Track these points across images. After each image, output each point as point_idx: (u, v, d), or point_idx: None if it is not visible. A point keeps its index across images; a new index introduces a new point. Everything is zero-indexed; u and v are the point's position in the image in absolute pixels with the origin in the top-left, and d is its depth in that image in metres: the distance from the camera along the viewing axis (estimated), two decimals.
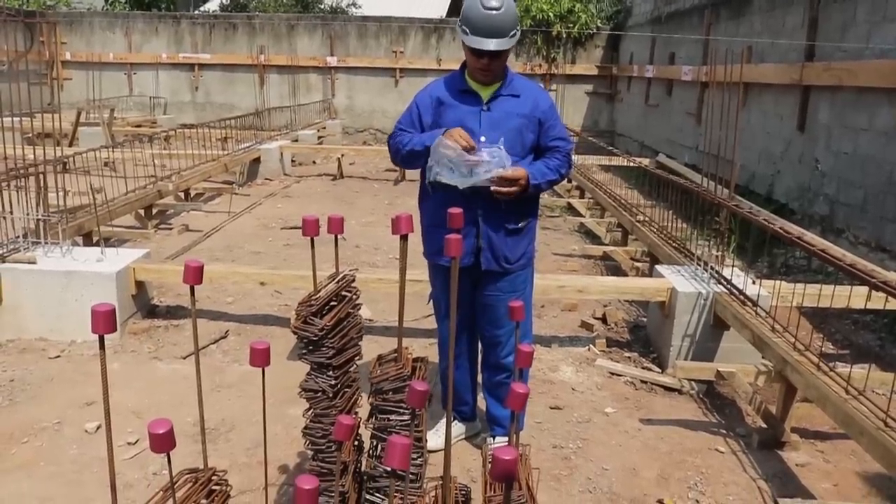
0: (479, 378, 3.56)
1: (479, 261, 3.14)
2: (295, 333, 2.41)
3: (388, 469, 1.68)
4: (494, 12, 2.89)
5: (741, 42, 9.40)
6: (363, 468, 2.64)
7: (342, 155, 12.20)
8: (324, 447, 2.46)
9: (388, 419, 2.46)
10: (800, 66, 7.90)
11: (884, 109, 6.44)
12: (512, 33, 2.94)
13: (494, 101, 3.09)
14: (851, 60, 7.01)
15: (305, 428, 2.51)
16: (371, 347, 4.39)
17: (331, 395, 2.45)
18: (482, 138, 3.04)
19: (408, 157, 3.12)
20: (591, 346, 4.85)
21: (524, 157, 3.12)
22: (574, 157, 11.21)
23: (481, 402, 3.64)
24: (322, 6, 21.71)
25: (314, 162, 13.56)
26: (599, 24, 17.73)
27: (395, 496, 2.03)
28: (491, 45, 2.90)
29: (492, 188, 2.94)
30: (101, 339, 1.61)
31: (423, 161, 3.04)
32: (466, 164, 2.88)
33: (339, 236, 2.46)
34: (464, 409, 3.58)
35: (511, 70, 3.18)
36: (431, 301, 3.46)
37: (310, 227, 2.36)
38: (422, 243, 3.30)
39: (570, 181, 10.74)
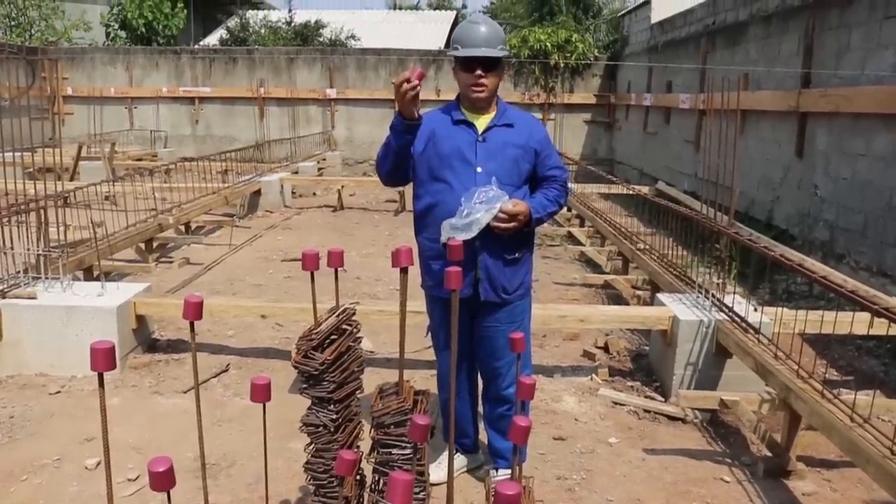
0: (481, 410, 3.54)
1: (478, 292, 3.13)
2: (296, 368, 2.40)
3: None
4: (480, 25, 3.05)
5: (737, 70, 9.48)
6: (365, 503, 2.61)
7: (342, 186, 12.25)
8: (325, 482, 2.45)
9: (390, 453, 2.44)
10: (796, 93, 7.96)
11: (881, 135, 6.47)
12: (500, 47, 3.04)
13: (489, 131, 3.12)
14: (847, 87, 7.06)
15: (307, 463, 2.49)
16: (372, 379, 4.35)
17: (332, 429, 2.43)
18: (478, 169, 3.06)
19: (384, 157, 3.16)
20: (593, 375, 4.82)
21: (520, 188, 3.14)
22: (573, 186, 11.30)
23: (483, 435, 3.61)
24: (321, 39, 21.94)
25: (314, 193, 13.61)
26: (597, 54, 17.90)
27: None
28: (482, 52, 3.00)
29: (492, 224, 2.95)
30: (101, 377, 1.61)
31: (395, 159, 3.09)
32: (478, 220, 2.90)
33: (339, 269, 2.46)
34: (465, 442, 3.55)
35: (503, 101, 3.23)
36: (429, 333, 3.45)
37: (309, 262, 2.36)
38: (420, 275, 3.30)
39: (569, 209, 10.77)
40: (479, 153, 3.08)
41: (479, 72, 3.03)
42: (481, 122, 3.13)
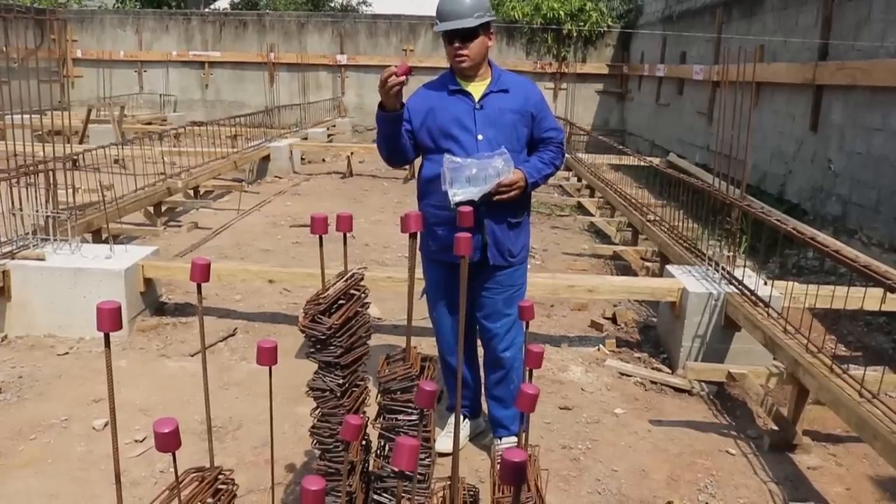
0: (482, 379, 3.55)
1: (486, 256, 3.16)
2: (303, 332, 2.39)
3: (396, 470, 1.65)
4: None
5: (753, 41, 9.34)
6: (370, 468, 2.62)
7: (352, 153, 12.19)
8: (331, 447, 2.44)
9: (396, 419, 2.44)
10: (813, 66, 7.84)
11: None
12: (477, 14, 2.99)
13: (485, 98, 3.13)
14: (866, 59, 6.95)
15: (313, 427, 2.49)
16: (380, 346, 4.38)
17: (338, 394, 2.42)
18: (479, 136, 3.08)
19: (379, 144, 3.17)
20: (600, 346, 4.82)
21: (521, 152, 3.17)
22: (583, 156, 11.22)
23: (485, 405, 3.61)
24: (332, 4, 21.75)
25: (324, 160, 13.57)
26: (610, 23, 17.67)
27: (403, 497, 2.01)
28: (455, 24, 2.98)
29: (495, 198, 3.01)
30: (107, 337, 1.59)
31: (388, 144, 3.11)
32: (482, 169, 2.92)
33: (347, 234, 2.44)
34: (464, 404, 3.56)
35: (498, 66, 3.23)
36: (424, 296, 3.45)
37: (318, 225, 2.34)
38: (420, 238, 3.30)
39: (579, 180, 10.71)
40: (478, 120, 3.10)
41: (457, 43, 3.03)
42: (477, 90, 3.14)
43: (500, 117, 3.10)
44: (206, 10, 21.61)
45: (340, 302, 2.47)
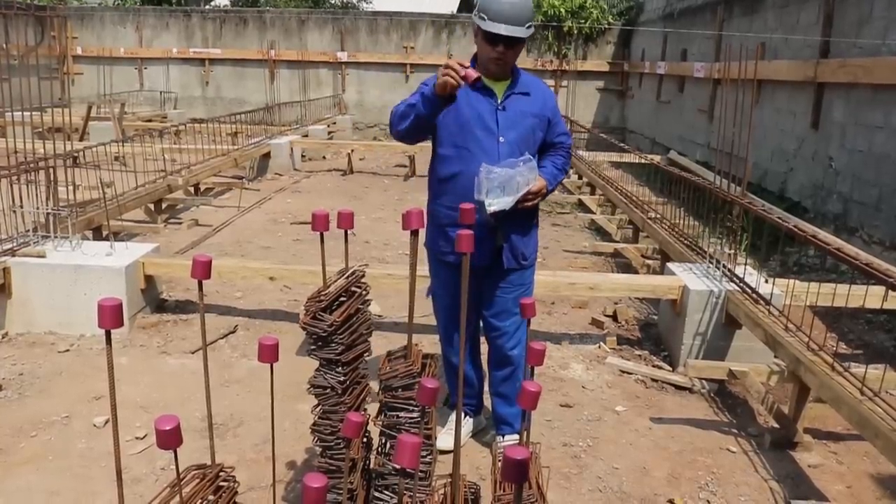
0: (486, 375, 3.55)
1: (500, 259, 3.17)
2: (304, 329, 2.38)
3: (397, 467, 1.65)
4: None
5: (755, 38, 9.33)
6: (372, 465, 2.62)
7: (352, 150, 12.18)
8: (332, 444, 2.44)
9: (398, 416, 2.44)
10: (814, 63, 7.83)
11: None
12: (528, 24, 2.96)
13: (508, 99, 3.09)
14: (867, 57, 6.94)
15: (314, 424, 2.49)
16: (380, 343, 4.37)
17: (339, 391, 2.42)
18: (500, 139, 3.05)
19: (404, 116, 3.01)
20: (601, 343, 4.82)
21: (533, 156, 3.15)
22: (584, 153, 11.22)
23: (487, 401, 3.61)
24: (333, 1, 21.70)
25: (324, 157, 13.55)
26: (611, 20, 17.64)
27: (404, 494, 2.01)
28: (509, 30, 2.90)
29: (520, 205, 3.01)
30: (108, 334, 1.59)
31: (417, 123, 2.96)
32: (512, 177, 2.92)
33: (348, 231, 2.44)
34: (468, 402, 3.55)
35: (516, 66, 3.18)
36: (430, 295, 3.44)
37: (319, 222, 2.34)
38: (427, 237, 3.29)
39: (580, 177, 10.71)
40: (500, 121, 3.07)
41: (500, 48, 2.96)
42: (499, 89, 3.10)
43: (521, 120, 3.08)
44: (207, 7, 21.58)
45: (341, 299, 2.47)
